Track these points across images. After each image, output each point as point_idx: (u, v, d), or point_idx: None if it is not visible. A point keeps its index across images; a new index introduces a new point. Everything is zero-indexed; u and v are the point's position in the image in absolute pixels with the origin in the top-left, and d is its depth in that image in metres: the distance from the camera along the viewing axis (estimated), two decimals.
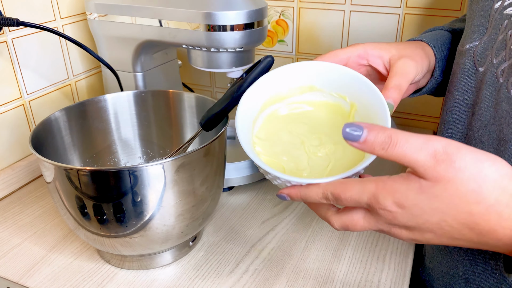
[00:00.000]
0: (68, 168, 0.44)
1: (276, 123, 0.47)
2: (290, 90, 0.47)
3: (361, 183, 0.34)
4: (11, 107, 0.70)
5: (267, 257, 0.55)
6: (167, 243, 0.50)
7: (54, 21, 0.75)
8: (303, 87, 0.47)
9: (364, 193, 0.34)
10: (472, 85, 0.47)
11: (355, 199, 0.35)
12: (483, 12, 0.46)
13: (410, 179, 0.32)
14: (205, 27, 0.62)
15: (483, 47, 0.46)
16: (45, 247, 0.57)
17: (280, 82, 0.47)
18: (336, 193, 0.35)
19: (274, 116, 0.48)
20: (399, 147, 0.31)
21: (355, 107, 0.45)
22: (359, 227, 0.37)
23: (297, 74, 0.47)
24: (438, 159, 0.31)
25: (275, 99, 0.47)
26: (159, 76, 0.79)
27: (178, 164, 0.45)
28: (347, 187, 0.35)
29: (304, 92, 0.48)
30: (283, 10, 0.88)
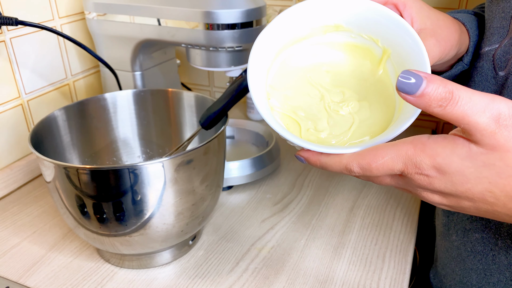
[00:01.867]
0: (68, 166, 0.44)
1: (294, 70, 0.40)
2: (312, 29, 0.40)
3: (394, 146, 0.30)
4: (9, 106, 0.69)
5: (267, 255, 0.55)
6: (167, 242, 0.50)
7: (53, 20, 0.75)
8: (328, 26, 0.39)
9: (399, 158, 0.30)
10: (491, 89, 0.45)
11: (388, 167, 0.30)
12: (504, 14, 0.43)
13: (456, 142, 0.29)
14: (204, 26, 0.62)
15: (503, 51, 0.43)
16: (45, 247, 0.57)
17: (300, 20, 0.39)
18: (366, 162, 0.31)
19: (292, 62, 0.40)
20: (461, 105, 0.27)
21: (387, 54, 0.38)
22: (383, 183, 0.33)
23: (322, 11, 0.39)
24: (501, 124, 0.27)
25: (294, 40, 0.40)
26: (157, 75, 0.79)
27: (178, 162, 0.45)
28: (378, 153, 0.31)
29: (328, 32, 0.40)
30: (282, 9, 0.88)
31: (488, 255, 0.47)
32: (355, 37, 0.40)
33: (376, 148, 0.31)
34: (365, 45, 0.40)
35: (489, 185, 0.29)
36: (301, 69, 0.40)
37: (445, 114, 0.28)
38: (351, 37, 0.40)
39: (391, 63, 0.38)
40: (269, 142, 0.73)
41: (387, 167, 0.31)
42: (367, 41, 0.39)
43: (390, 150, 0.30)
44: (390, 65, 0.38)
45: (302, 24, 0.39)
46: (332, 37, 0.40)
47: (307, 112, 0.38)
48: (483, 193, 0.29)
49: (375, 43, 0.39)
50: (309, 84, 0.40)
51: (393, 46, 0.38)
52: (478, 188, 0.29)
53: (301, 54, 0.41)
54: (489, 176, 0.29)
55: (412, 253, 0.56)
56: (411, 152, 0.30)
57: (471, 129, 0.28)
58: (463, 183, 0.29)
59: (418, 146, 0.30)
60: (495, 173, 0.29)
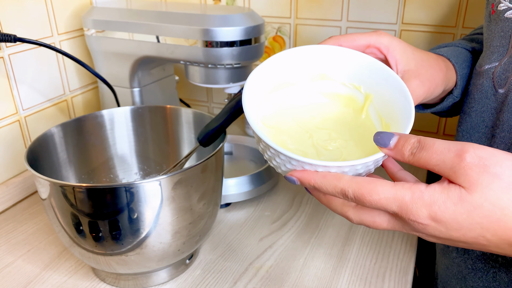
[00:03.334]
0: (63, 184, 0.43)
1: (283, 111, 0.43)
2: (300, 76, 0.43)
3: (393, 187, 0.31)
4: (6, 123, 0.69)
5: (265, 275, 0.54)
6: (164, 261, 0.49)
7: (52, 37, 0.75)
8: (314, 74, 0.43)
9: (395, 201, 0.30)
10: (491, 106, 0.46)
11: (382, 204, 0.31)
12: (503, 33, 0.45)
13: (450, 187, 0.30)
14: (202, 43, 0.62)
15: (503, 69, 0.45)
16: (39, 265, 0.56)
17: (290, 65, 0.42)
18: (360, 193, 0.31)
19: (282, 104, 0.43)
20: (426, 149, 0.30)
21: (370, 98, 0.41)
22: (381, 228, 0.34)
23: (308, 59, 0.42)
24: (468, 162, 0.29)
25: (284, 84, 0.43)
26: (156, 92, 0.79)
27: (175, 180, 0.44)
28: (376, 189, 0.31)
29: (315, 80, 0.43)
30: (280, 27, 0.89)
31: (489, 273, 0.46)
32: (338, 86, 0.43)
33: (375, 182, 0.31)
34: (347, 93, 0.43)
35: (481, 231, 0.30)
36: (289, 112, 0.43)
37: (416, 160, 0.31)
38: (334, 86, 0.43)
39: (373, 107, 0.41)
40: None
41: (381, 205, 0.31)
42: (350, 89, 0.43)
43: (388, 190, 0.31)
44: (372, 109, 0.41)
45: (291, 70, 0.42)
46: (317, 86, 0.43)
47: (297, 147, 0.40)
48: (477, 238, 0.30)
49: (357, 90, 0.42)
50: (297, 125, 0.41)
51: (375, 90, 0.40)
52: (472, 234, 0.30)
53: (290, 99, 0.43)
54: (481, 222, 0.29)
55: (412, 272, 0.55)
56: (408, 198, 0.30)
57: (441, 168, 0.30)
58: (457, 230, 0.30)
59: (416, 193, 0.30)
60: (484, 217, 0.29)
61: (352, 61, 0.41)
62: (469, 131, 0.49)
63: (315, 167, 0.33)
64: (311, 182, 0.33)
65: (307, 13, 0.86)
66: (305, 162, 0.33)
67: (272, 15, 0.88)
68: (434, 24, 0.78)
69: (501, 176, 0.29)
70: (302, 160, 0.33)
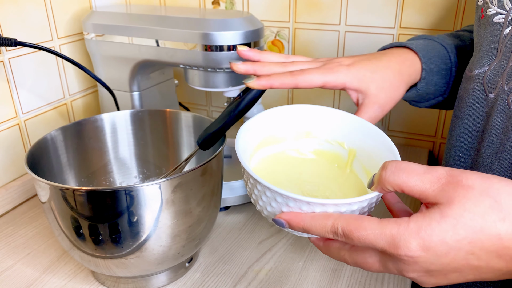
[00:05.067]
0: (63, 188, 0.43)
1: (272, 166, 0.44)
2: (287, 133, 0.45)
3: (380, 223, 0.31)
4: (6, 126, 0.69)
5: (265, 278, 0.54)
6: (163, 264, 0.49)
7: (51, 40, 0.75)
8: (300, 132, 0.46)
9: (382, 236, 0.31)
10: (482, 111, 0.47)
11: (370, 240, 0.31)
12: (492, 37, 0.45)
13: (430, 211, 0.31)
14: (202, 47, 0.62)
15: (493, 73, 0.45)
16: (39, 269, 0.56)
17: (276, 122, 0.45)
18: (349, 229, 0.31)
19: (270, 159, 0.45)
20: (404, 171, 0.31)
21: (353, 154, 0.44)
22: (374, 269, 0.34)
23: (294, 117, 0.45)
24: (443, 182, 0.30)
25: (271, 140, 0.45)
26: (155, 96, 0.79)
27: (175, 184, 0.44)
28: (363, 225, 0.31)
29: (300, 138, 0.46)
30: (279, 31, 0.89)
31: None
32: (323, 144, 0.45)
33: (362, 218, 0.32)
34: (332, 150, 0.45)
35: (469, 246, 0.30)
36: (278, 167, 0.44)
37: (394, 185, 0.32)
38: (319, 144, 0.46)
39: (358, 161, 0.43)
40: None
41: (369, 241, 0.31)
42: (333, 146, 0.45)
43: (374, 225, 0.31)
44: (357, 163, 0.43)
45: (279, 126, 0.45)
46: (303, 144, 0.46)
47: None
48: (467, 258, 0.30)
49: (341, 146, 0.44)
50: (286, 179, 0.43)
51: (359, 145, 0.43)
52: (461, 254, 0.30)
53: (278, 154, 0.45)
54: (466, 236, 0.30)
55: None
56: (395, 232, 0.30)
57: (423, 195, 0.31)
58: (447, 253, 0.30)
59: (402, 225, 0.30)
60: (468, 228, 0.29)
61: (334, 119, 0.44)
62: (462, 136, 0.49)
63: (312, 206, 0.33)
64: (300, 224, 0.33)
65: (305, 17, 0.86)
66: (302, 200, 0.33)
67: (271, 19, 0.89)
68: (432, 28, 0.79)
69: (473, 187, 0.30)
70: (298, 198, 0.32)
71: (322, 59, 0.49)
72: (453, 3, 0.76)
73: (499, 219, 0.29)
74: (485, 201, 0.29)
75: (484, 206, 0.29)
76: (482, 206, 0.29)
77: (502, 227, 0.29)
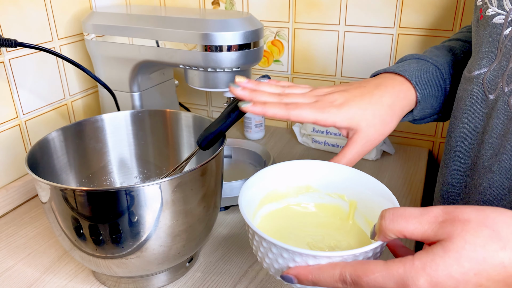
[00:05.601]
0: (64, 188, 0.43)
1: (276, 221, 0.45)
2: (287, 188, 0.47)
3: (386, 264, 0.31)
4: (7, 127, 0.69)
5: (265, 277, 0.54)
6: (164, 264, 0.50)
7: (52, 41, 0.76)
8: (300, 186, 0.46)
9: (389, 276, 0.31)
10: (482, 112, 0.46)
11: (379, 283, 0.31)
12: (491, 38, 0.45)
13: (432, 247, 0.31)
14: (202, 47, 0.62)
15: (492, 74, 0.45)
16: (40, 269, 0.56)
17: (277, 179, 0.46)
18: (356, 274, 0.31)
19: (274, 215, 0.46)
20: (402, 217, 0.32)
21: (354, 205, 0.44)
22: None
23: (294, 172, 0.46)
24: (440, 220, 0.31)
25: (273, 196, 0.46)
26: (156, 96, 0.79)
27: (175, 184, 0.44)
28: (370, 268, 0.31)
29: (301, 193, 0.47)
30: (279, 31, 0.90)
31: None
32: (323, 197, 0.46)
33: (368, 262, 0.32)
34: (333, 203, 0.46)
35: (476, 278, 0.30)
36: (281, 222, 0.45)
37: (395, 232, 0.32)
38: (319, 197, 0.46)
39: (359, 212, 0.44)
40: (266, 161, 0.73)
41: (378, 284, 0.31)
42: (334, 199, 0.46)
43: (381, 267, 0.31)
44: (358, 214, 0.44)
45: (280, 182, 0.46)
46: (304, 199, 0.47)
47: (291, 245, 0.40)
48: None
49: (341, 199, 0.45)
50: (290, 232, 0.43)
51: (359, 196, 0.44)
52: (469, 286, 0.30)
53: (281, 210, 0.46)
54: (471, 267, 0.30)
55: None
56: (402, 271, 0.30)
57: (423, 237, 0.31)
58: (456, 286, 0.30)
59: (407, 264, 0.31)
60: (472, 260, 0.30)
61: (333, 172, 0.45)
62: (462, 137, 0.49)
63: (319, 260, 0.33)
64: (308, 277, 0.33)
65: (305, 17, 0.86)
66: (309, 255, 0.33)
67: (270, 20, 0.89)
68: (431, 28, 0.79)
69: (469, 219, 0.30)
70: (305, 252, 0.33)
71: (317, 92, 0.49)
72: (452, 3, 0.76)
73: (500, 248, 0.30)
74: (484, 232, 0.30)
75: (484, 236, 0.30)
76: (482, 237, 0.30)
77: (504, 255, 0.29)
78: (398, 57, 0.83)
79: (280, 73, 0.93)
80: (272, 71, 0.94)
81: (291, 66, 0.92)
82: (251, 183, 0.43)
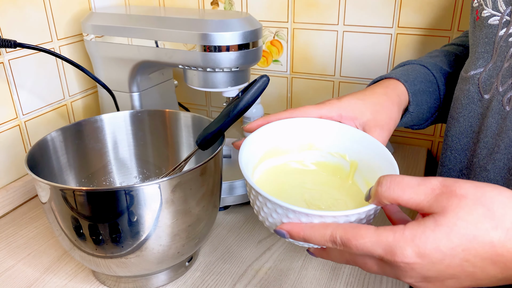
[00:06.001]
0: (64, 188, 0.44)
1: (275, 177, 0.45)
2: (289, 145, 0.46)
3: (376, 231, 0.32)
4: (7, 127, 0.70)
5: (264, 277, 0.54)
6: (163, 264, 0.50)
7: (51, 42, 0.76)
8: (302, 144, 0.46)
9: (379, 243, 0.31)
10: (477, 112, 0.47)
11: (367, 248, 0.32)
12: (487, 39, 0.45)
13: (425, 219, 0.31)
14: (201, 47, 0.63)
15: (488, 74, 0.45)
16: (40, 269, 0.56)
17: (279, 135, 0.46)
18: (346, 238, 0.32)
19: (273, 170, 0.46)
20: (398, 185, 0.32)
21: (355, 166, 0.44)
22: (373, 270, 0.34)
23: (297, 130, 0.46)
24: (437, 193, 0.31)
25: (274, 152, 0.46)
26: (155, 96, 0.79)
27: (174, 183, 0.45)
28: (360, 233, 0.32)
29: (303, 151, 0.47)
30: (278, 31, 0.90)
31: None
32: (325, 156, 0.46)
33: (359, 227, 0.32)
34: (334, 162, 0.46)
35: (463, 254, 0.30)
36: (281, 178, 0.45)
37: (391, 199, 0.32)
38: (321, 156, 0.46)
39: (359, 173, 0.44)
40: None
41: (367, 249, 0.32)
42: (336, 158, 0.46)
43: (371, 233, 0.32)
44: (358, 175, 0.44)
45: (281, 139, 0.46)
46: (306, 156, 0.47)
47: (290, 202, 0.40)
48: (462, 265, 0.31)
49: (343, 158, 0.45)
50: (289, 187, 0.44)
51: (360, 157, 0.44)
52: (456, 261, 0.31)
53: (281, 166, 0.46)
54: (460, 243, 0.30)
55: None
56: (391, 239, 0.31)
57: (418, 206, 0.31)
58: (442, 260, 0.31)
59: (397, 233, 0.31)
60: (462, 236, 0.30)
61: (336, 131, 0.45)
62: (458, 136, 0.50)
63: (311, 218, 0.34)
64: (300, 234, 0.34)
65: (304, 17, 0.87)
66: (301, 212, 0.34)
67: (269, 20, 0.89)
68: (430, 28, 0.79)
69: (466, 196, 0.31)
70: (297, 210, 0.33)
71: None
72: (450, 3, 0.77)
73: (491, 227, 0.30)
74: (478, 210, 0.30)
75: (477, 214, 0.30)
76: (475, 215, 0.30)
77: (495, 235, 0.30)
78: (397, 57, 0.83)
79: (279, 73, 0.93)
80: (271, 71, 0.94)
81: (290, 66, 0.92)
82: (252, 138, 0.43)
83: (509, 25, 0.43)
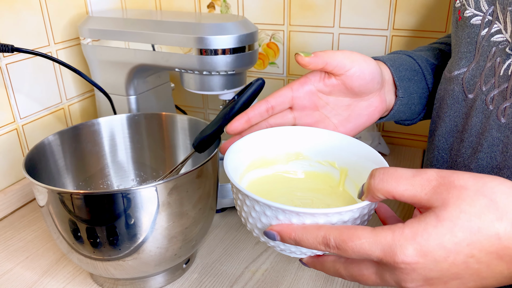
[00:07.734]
0: (61, 191, 0.44)
1: (263, 186, 0.44)
2: (276, 155, 0.45)
3: (373, 231, 0.30)
4: (4, 131, 0.70)
5: (261, 278, 0.55)
6: (161, 266, 0.50)
7: (48, 46, 0.76)
8: (289, 153, 0.45)
9: (377, 244, 0.29)
10: (462, 111, 0.47)
11: (364, 250, 0.29)
12: (470, 39, 0.46)
13: (425, 215, 0.29)
14: (197, 51, 0.63)
15: (471, 74, 0.46)
16: (38, 272, 0.56)
17: (266, 144, 0.44)
18: (342, 239, 0.30)
19: (261, 181, 0.44)
20: (392, 177, 0.31)
21: (345, 172, 0.43)
22: (370, 282, 0.32)
23: (284, 138, 0.45)
24: (434, 184, 0.30)
25: (261, 162, 0.45)
26: (152, 99, 0.80)
27: (171, 186, 0.45)
28: (356, 234, 0.30)
29: (291, 160, 0.45)
30: (274, 34, 0.90)
31: None
32: (314, 165, 0.45)
33: (355, 228, 0.30)
34: (324, 171, 0.45)
35: (468, 249, 0.29)
36: (269, 186, 0.44)
37: (384, 192, 0.31)
38: (310, 165, 0.45)
39: (350, 179, 0.43)
40: None
41: (364, 250, 0.30)
42: (325, 167, 0.44)
43: (368, 233, 0.30)
44: (349, 181, 0.43)
45: (268, 148, 0.44)
46: (294, 166, 0.45)
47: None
48: (466, 261, 0.29)
49: (332, 166, 0.44)
50: (278, 194, 0.42)
51: (349, 163, 0.43)
52: (460, 258, 0.29)
53: (269, 177, 0.45)
54: (464, 237, 0.29)
55: None
56: (390, 238, 0.29)
57: (415, 200, 0.30)
58: (446, 257, 0.29)
59: (396, 232, 0.29)
60: (466, 230, 0.29)
61: (324, 139, 0.44)
62: (445, 136, 0.50)
63: (302, 217, 0.32)
64: (291, 235, 0.32)
65: (300, 20, 0.87)
66: (292, 211, 0.32)
67: (265, 23, 0.90)
68: (424, 30, 0.80)
69: (466, 187, 0.29)
70: (288, 209, 0.31)
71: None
72: (444, 5, 0.77)
73: (496, 219, 0.28)
74: (481, 201, 0.29)
75: (480, 206, 0.29)
76: (478, 206, 0.29)
77: (500, 226, 0.28)
78: None
79: (276, 76, 0.94)
80: (268, 74, 0.95)
81: (286, 68, 0.92)
82: (238, 147, 0.41)
83: (491, 24, 0.44)
